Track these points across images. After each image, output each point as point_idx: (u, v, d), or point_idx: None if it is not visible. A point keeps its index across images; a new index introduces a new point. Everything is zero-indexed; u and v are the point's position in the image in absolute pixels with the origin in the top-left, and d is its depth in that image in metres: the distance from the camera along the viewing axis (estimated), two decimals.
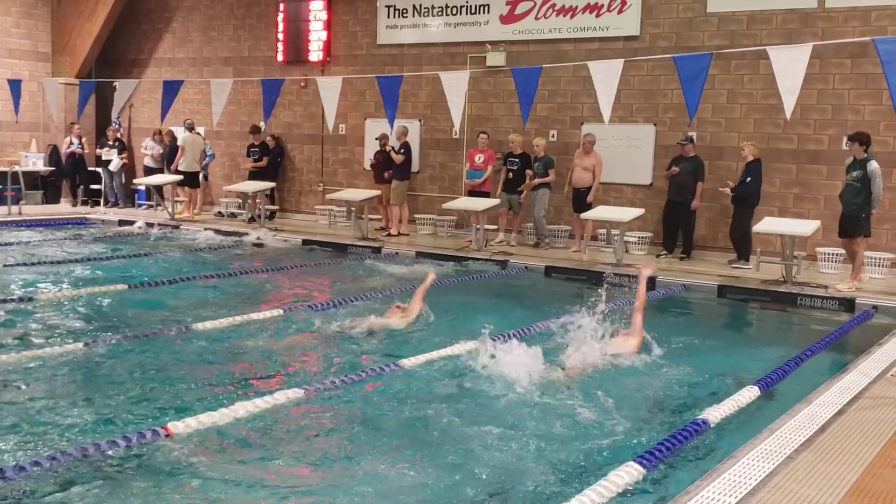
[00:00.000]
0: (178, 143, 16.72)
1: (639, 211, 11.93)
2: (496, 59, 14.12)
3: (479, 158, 13.69)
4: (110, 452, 4.42)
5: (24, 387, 5.62)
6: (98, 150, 17.47)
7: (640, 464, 4.35)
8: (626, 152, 13.15)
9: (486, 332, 6.43)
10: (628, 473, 4.23)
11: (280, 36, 16.58)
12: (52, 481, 4.10)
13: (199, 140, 16.60)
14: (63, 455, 4.29)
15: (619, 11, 13.16)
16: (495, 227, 13.70)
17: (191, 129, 16.55)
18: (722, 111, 12.46)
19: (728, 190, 11.71)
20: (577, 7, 13.51)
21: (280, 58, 16.63)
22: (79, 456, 4.32)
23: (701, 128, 12.51)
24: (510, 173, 13.33)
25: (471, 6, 14.54)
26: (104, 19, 18.07)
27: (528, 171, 13.16)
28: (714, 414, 5.30)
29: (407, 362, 6.37)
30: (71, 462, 4.27)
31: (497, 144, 13.83)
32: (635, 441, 4.98)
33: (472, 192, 13.65)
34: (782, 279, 10.41)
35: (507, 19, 14.18)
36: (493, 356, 6.24)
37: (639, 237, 12.81)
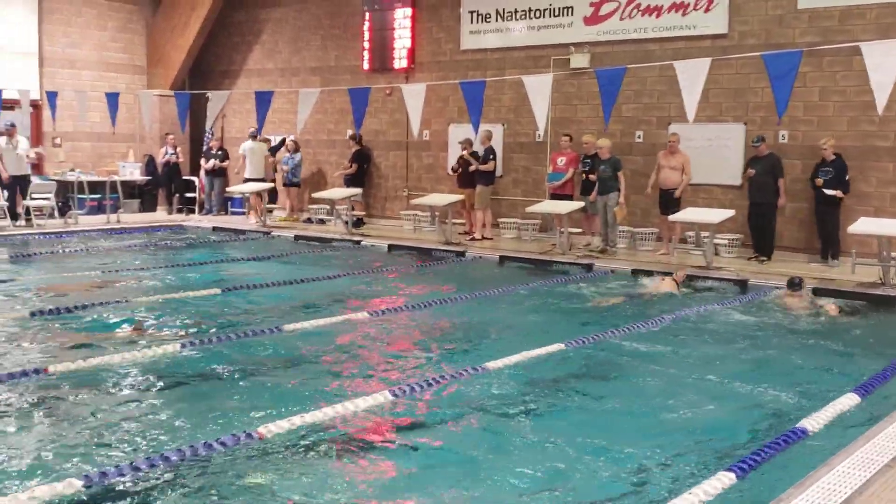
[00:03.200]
0: (240, 151, 17.28)
1: (729, 212, 11.68)
2: (580, 60, 14.03)
3: (561, 161, 13.63)
4: (206, 455, 4.55)
5: (121, 390, 5.84)
6: (203, 162, 18.01)
7: (735, 472, 4.28)
8: (715, 152, 12.90)
9: None
10: (720, 482, 4.17)
11: (366, 45, 16.83)
12: (149, 484, 4.23)
13: (262, 148, 17.20)
14: (162, 459, 4.44)
15: (707, 10, 12.92)
16: (580, 230, 13.60)
17: (254, 137, 17.12)
18: (814, 109, 12.11)
19: (839, 193, 11.41)
20: (662, 6, 13.33)
21: (366, 66, 16.88)
22: (176, 460, 4.46)
23: (792, 126, 12.18)
24: (584, 174, 13.22)
25: (554, 9, 14.49)
26: (196, 32, 18.67)
27: (591, 176, 12.93)
28: (812, 422, 5.16)
29: (492, 364, 6.40)
30: (169, 466, 4.40)
31: (580, 147, 13.73)
32: (729, 447, 4.90)
33: (555, 196, 13.58)
34: (879, 281, 10.06)
35: (592, 20, 14.08)
36: None
37: (729, 239, 12.54)
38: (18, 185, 15.10)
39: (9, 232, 14.27)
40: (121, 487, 4.14)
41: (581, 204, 12.99)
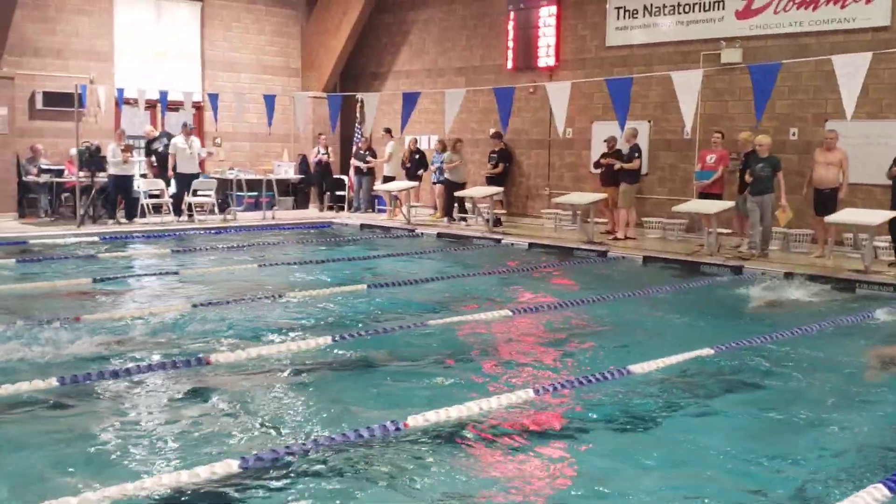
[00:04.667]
0: (387, 150, 17.80)
1: (890, 213, 11.06)
2: (732, 55, 13.62)
3: (710, 159, 13.26)
4: (355, 442, 4.73)
5: (275, 379, 6.14)
6: (354, 161, 18.58)
7: (888, 486, 4.11)
8: (874, 151, 12.22)
9: None
10: (871, 496, 4.01)
11: (510, 44, 16.94)
12: (299, 468, 4.44)
13: (401, 147, 17.74)
14: (313, 444, 4.65)
15: (867, 1, 12.28)
16: (729, 230, 13.20)
17: (393, 136, 17.79)
18: None
19: None
20: None
21: (510, 65, 16.98)
22: (326, 446, 4.65)
23: None
24: (740, 173, 12.79)
25: (704, 3, 14.13)
26: (347, 35, 19.29)
27: (747, 177, 12.45)
28: None
29: (637, 367, 6.34)
30: (319, 451, 4.60)
31: (732, 144, 13.32)
32: (883, 460, 4.70)
33: (704, 194, 13.23)
34: None
35: (744, 14, 13.65)
36: None
37: (889, 241, 11.87)
38: (188, 183, 16.05)
39: (173, 227, 15.24)
40: (273, 470, 4.37)
41: (731, 203, 12.60)
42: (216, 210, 16.77)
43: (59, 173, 15.92)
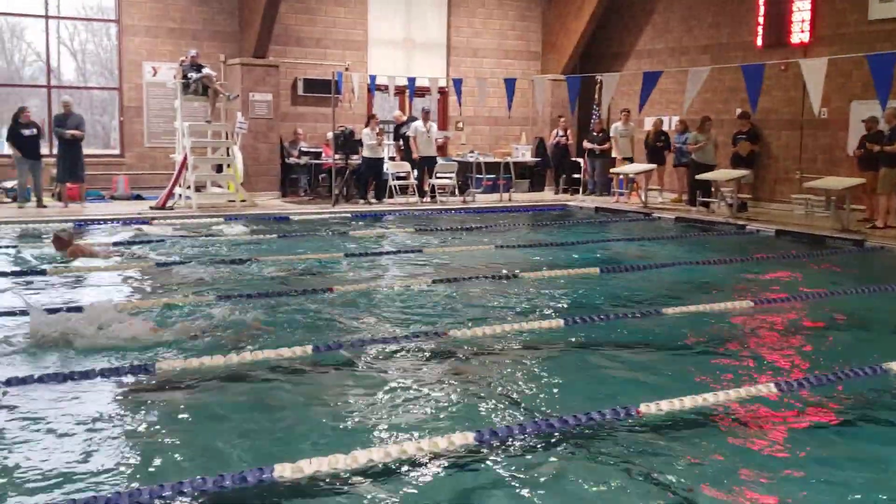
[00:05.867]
0: (612, 132, 17.71)
1: None
2: None
3: None
4: (586, 424, 4.77)
5: (509, 356, 6.30)
6: (587, 143, 18.51)
7: None
8: None
9: None
10: None
11: (760, 20, 16.10)
12: (529, 446, 4.55)
13: (630, 129, 17.62)
14: (546, 424, 4.75)
15: None
16: None
17: (626, 119, 17.68)
18: None
19: None
20: None
21: (759, 42, 16.15)
22: (558, 426, 4.72)
23: None
24: None
25: None
26: (589, 16, 19.13)
27: None
28: None
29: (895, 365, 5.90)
30: (551, 430, 4.69)
31: None
32: None
33: None
34: None
35: None
36: None
37: None
38: (427, 166, 16.77)
39: (417, 207, 15.96)
40: (506, 444, 4.52)
41: None
42: (457, 192, 17.34)
43: (317, 155, 17.13)
